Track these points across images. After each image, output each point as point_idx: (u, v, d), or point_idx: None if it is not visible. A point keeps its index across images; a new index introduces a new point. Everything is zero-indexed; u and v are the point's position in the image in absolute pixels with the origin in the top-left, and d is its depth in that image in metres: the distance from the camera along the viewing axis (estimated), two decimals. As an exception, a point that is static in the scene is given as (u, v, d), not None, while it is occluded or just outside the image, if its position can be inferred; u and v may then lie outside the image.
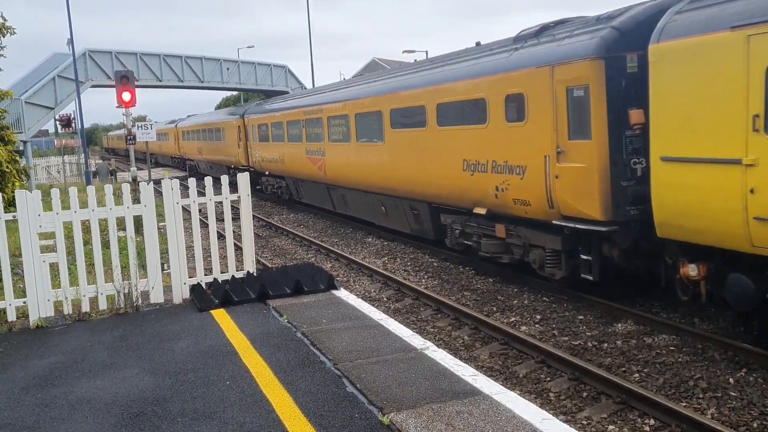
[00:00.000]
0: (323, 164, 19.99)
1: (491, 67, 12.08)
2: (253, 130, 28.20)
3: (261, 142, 26.98)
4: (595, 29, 9.84)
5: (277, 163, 25.15)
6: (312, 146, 20.99)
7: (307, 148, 21.37)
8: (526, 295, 11.65)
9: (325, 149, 19.81)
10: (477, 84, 12.36)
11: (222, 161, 34.86)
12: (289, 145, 23.37)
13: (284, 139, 23.77)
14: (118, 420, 5.25)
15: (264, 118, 26.60)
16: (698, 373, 7.90)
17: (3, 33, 18.34)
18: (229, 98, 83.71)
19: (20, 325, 8.22)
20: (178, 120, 50.92)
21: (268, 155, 26.18)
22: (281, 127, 24.22)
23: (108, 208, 8.60)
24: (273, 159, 25.47)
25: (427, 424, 4.71)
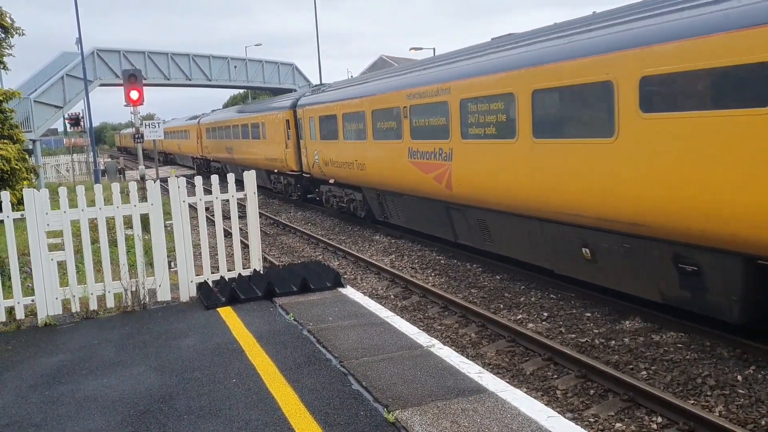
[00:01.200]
0: (446, 173, 13.39)
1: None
2: (310, 124, 21.79)
3: (324, 140, 20.53)
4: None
5: (350, 168, 18.59)
6: (424, 145, 14.25)
7: (414, 148, 14.71)
8: (533, 293, 11.63)
9: (452, 150, 13.11)
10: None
11: (260, 164, 28.91)
12: (375, 144, 16.81)
13: (366, 134, 17.31)
14: (124, 417, 5.27)
15: (330, 107, 19.95)
16: (706, 370, 7.87)
17: (12, 34, 18.44)
18: (236, 96, 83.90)
19: (29, 323, 8.25)
20: (201, 115, 45.51)
21: (335, 157, 19.67)
22: (360, 118, 17.68)
23: (115, 207, 8.62)
24: (344, 163, 18.99)
25: (433, 422, 4.71)
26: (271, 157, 26.97)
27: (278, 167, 26.41)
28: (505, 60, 11.62)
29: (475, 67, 12.55)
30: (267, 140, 27.24)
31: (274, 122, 26.26)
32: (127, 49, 39.22)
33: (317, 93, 22.06)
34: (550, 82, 10.35)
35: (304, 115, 22.40)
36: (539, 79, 10.58)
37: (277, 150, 25.93)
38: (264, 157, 28.13)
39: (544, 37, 10.92)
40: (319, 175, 21.75)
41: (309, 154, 22.14)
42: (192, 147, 46.82)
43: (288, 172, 25.18)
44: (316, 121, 21.17)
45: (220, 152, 37.94)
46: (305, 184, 24.84)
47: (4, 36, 18.97)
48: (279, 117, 25.42)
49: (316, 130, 21.23)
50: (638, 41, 8.69)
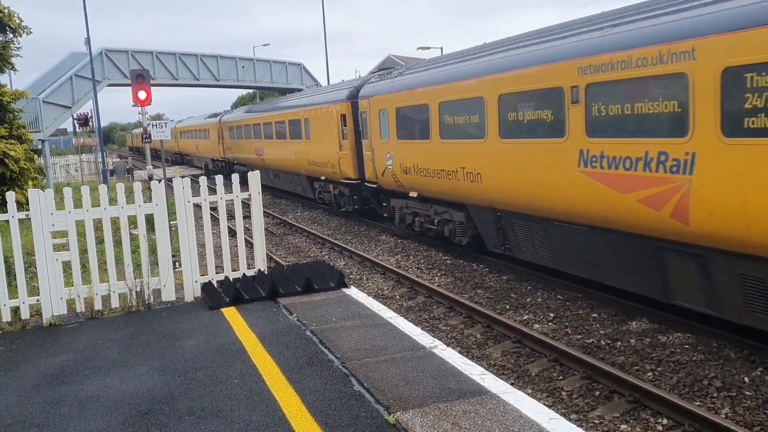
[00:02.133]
0: (676, 194, 8.23)
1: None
2: (380, 119, 16.72)
3: (404, 140, 15.52)
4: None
5: (449, 178, 13.52)
6: (618, 147, 9.10)
7: (593, 152, 9.55)
8: (539, 293, 11.57)
9: (694, 156, 7.94)
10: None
11: (301, 169, 24.31)
12: (504, 146, 11.69)
13: (485, 131, 12.05)
14: (126, 418, 5.27)
15: (414, 95, 14.70)
16: (713, 371, 7.80)
17: (19, 33, 18.53)
18: (244, 96, 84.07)
19: (34, 323, 8.28)
20: (223, 113, 41.69)
21: (422, 162, 14.62)
22: (473, 107, 12.46)
23: (120, 207, 8.64)
24: (437, 171, 13.96)
25: (434, 424, 4.68)
26: (318, 161, 21.90)
27: (327, 174, 21.35)
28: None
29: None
30: (311, 140, 22.43)
31: (322, 118, 21.29)
32: (135, 49, 39.36)
33: (389, 77, 16.73)
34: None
35: (370, 106, 17.23)
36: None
37: (326, 152, 21.05)
38: (307, 161, 23.00)
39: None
40: (390, 186, 16.73)
41: (377, 157, 16.98)
42: (212, 148, 42.04)
43: (342, 181, 20.18)
44: (390, 115, 16.03)
45: (245, 154, 33.06)
46: (365, 196, 19.71)
47: (12, 36, 19.08)
48: (330, 111, 20.50)
49: (390, 126, 16.09)
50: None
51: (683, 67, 7.94)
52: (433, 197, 14.94)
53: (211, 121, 41.43)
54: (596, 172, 9.51)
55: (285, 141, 25.80)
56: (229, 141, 36.75)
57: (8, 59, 18.91)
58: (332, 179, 21.43)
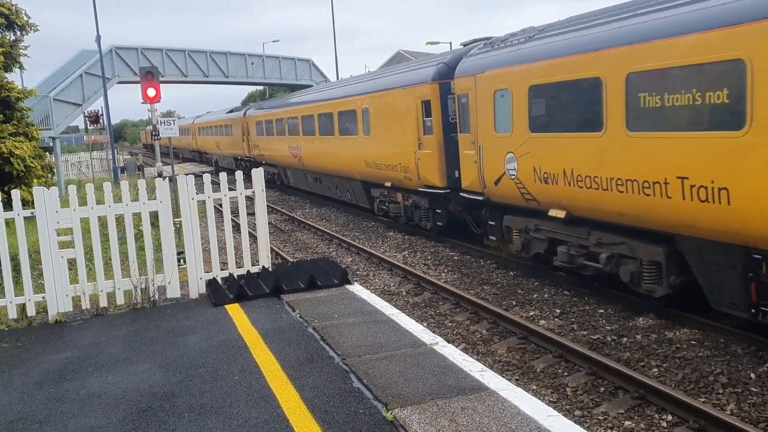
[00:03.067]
0: None
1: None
2: (497, 104, 12.19)
3: (542, 133, 11.06)
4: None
5: (636, 193, 9.18)
6: None
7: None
8: (546, 289, 11.52)
9: None
10: None
11: (355, 172, 19.93)
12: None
13: (745, 117, 7.46)
14: (126, 415, 5.28)
15: (577, 63, 10.08)
16: (719, 368, 7.74)
17: (26, 30, 18.61)
18: (254, 93, 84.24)
19: (40, 320, 8.33)
20: (248, 106, 37.81)
21: (581, 167, 10.20)
22: (711, 79, 7.90)
23: (124, 204, 8.66)
24: (611, 180, 9.60)
25: (431, 420, 4.66)
26: (381, 163, 17.61)
27: (396, 179, 17.04)
28: None
29: None
30: (372, 136, 18.16)
31: (392, 106, 16.85)
32: (144, 47, 39.50)
33: (513, 43, 11.90)
34: None
35: (477, 87, 12.71)
36: None
37: (395, 151, 16.79)
38: (364, 163, 18.75)
39: None
40: (508, 200, 12.34)
41: (488, 158, 12.56)
42: (235, 145, 37.62)
43: (420, 189, 15.91)
44: (517, 97, 11.43)
45: (277, 153, 28.88)
46: (456, 209, 15.26)
47: (20, 34, 19.19)
48: (406, 97, 15.98)
49: (516, 113, 11.52)
50: None
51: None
52: (599, 220, 10.17)
53: (234, 116, 37.75)
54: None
55: (332, 138, 21.46)
56: (256, 138, 32.57)
57: (16, 57, 19.02)
58: (402, 186, 17.00)
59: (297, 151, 25.52)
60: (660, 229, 9.13)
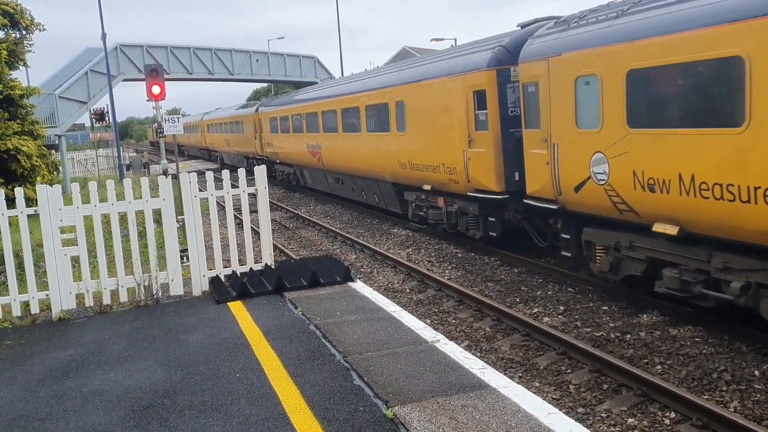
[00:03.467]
0: None
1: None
2: (579, 94, 10.11)
3: (647, 129, 8.87)
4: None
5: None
6: None
7: None
8: (550, 286, 11.50)
9: None
10: None
11: (385, 172, 17.75)
12: None
13: None
14: (127, 412, 5.30)
15: (703, 39, 7.84)
16: (722, 365, 7.71)
17: (31, 30, 18.67)
18: (259, 90, 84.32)
19: (44, 318, 8.36)
20: (261, 102, 35.59)
21: (710, 172, 7.95)
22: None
23: (127, 202, 8.68)
24: (758, 189, 7.34)
25: (431, 418, 4.66)
26: (420, 163, 15.53)
27: (438, 182, 14.89)
28: None
29: None
30: (408, 133, 16.00)
31: (434, 98, 14.67)
32: (149, 44, 39.52)
33: (599, 19, 9.83)
34: None
35: (551, 73, 10.60)
36: None
37: (437, 149, 14.67)
38: (398, 163, 16.70)
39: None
40: (592, 209, 10.17)
41: (566, 159, 10.42)
42: (247, 143, 35.60)
43: (469, 194, 13.74)
44: (609, 84, 9.33)
45: (293, 151, 26.94)
46: (515, 217, 13.19)
47: (25, 34, 19.24)
48: (453, 87, 13.84)
49: (607, 104, 9.40)
50: None
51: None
52: (730, 239, 8.09)
53: (246, 112, 35.42)
54: None
55: (357, 135, 19.35)
56: (269, 135, 30.51)
57: (20, 56, 19.08)
58: (445, 190, 14.88)
59: (316, 149, 23.39)
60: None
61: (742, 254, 7.97)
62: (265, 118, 31.09)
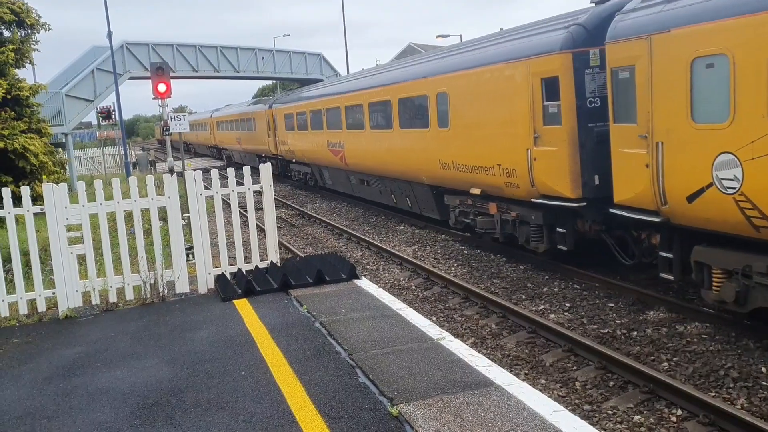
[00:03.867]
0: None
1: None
2: (702, 80, 8.07)
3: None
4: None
5: None
6: None
7: None
8: (556, 283, 11.47)
9: None
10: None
11: (423, 175, 15.88)
12: None
13: None
14: (133, 410, 5.31)
15: None
16: (729, 362, 7.67)
17: (37, 29, 18.72)
18: (265, 87, 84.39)
19: (50, 316, 8.39)
20: (275, 98, 33.79)
21: None
22: None
23: (133, 200, 8.70)
24: None
25: (436, 416, 4.65)
26: (469, 163, 13.46)
27: (492, 185, 12.83)
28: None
29: None
30: (452, 128, 14.08)
31: (486, 88, 12.69)
32: (155, 42, 39.63)
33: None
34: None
35: (655, 54, 8.76)
36: None
37: (493, 147, 12.60)
38: (439, 162, 14.75)
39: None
40: (711, 224, 8.40)
41: (675, 161, 8.62)
42: (259, 141, 33.65)
43: (534, 200, 11.62)
44: (744, 67, 7.51)
45: (311, 150, 25.08)
46: (592, 230, 11.17)
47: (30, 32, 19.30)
48: (513, 74, 11.81)
49: (739, 93, 7.61)
50: None
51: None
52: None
53: (258, 108, 33.61)
54: None
55: (388, 131, 17.46)
56: (284, 133, 28.66)
57: (26, 54, 19.14)
58: (500, 195, 12.83)
59: (338, 147, 21.41)
60: None
61: None
62: (279, 114, 29.19)
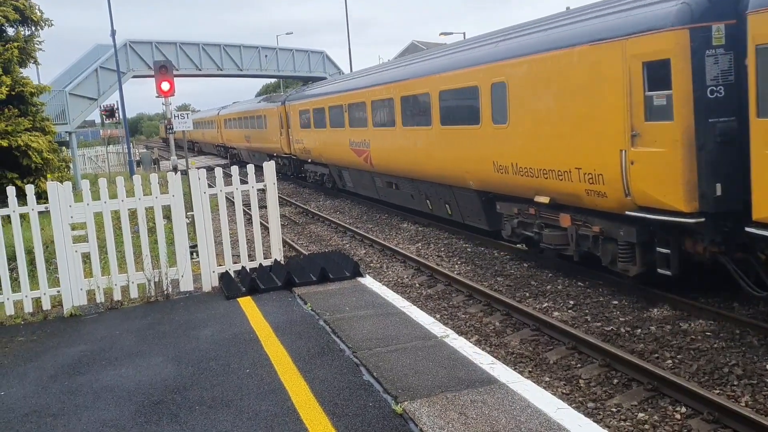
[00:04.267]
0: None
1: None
2: None
3: None
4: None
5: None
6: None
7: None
8: (560, 281, 11.46)
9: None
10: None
11: (469, 178, 13.86)
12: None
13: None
14: (138, 408, 5.33)
15: None
16: (734, 359, 7.67)
17: (41, 26, 18.75)
18: (269, 85, 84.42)
19: (55, 314, 8.42)
20: (289, 93, 31.82)
21: None
22: None
23: (137, 199, 8.72)
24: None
25: (440, 413, 4.66)
26: (537, 166, 11.36)
27: (568, 192, 10.76)
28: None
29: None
30: (511, 125, 12.04)
31: (562, 75, 10.62)
32: (158, 40, 39.67)
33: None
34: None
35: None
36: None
37: (571, 147, 10.56)
38: (493, 164, 12.68)
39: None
40: None
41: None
42: (270, 140, 32.05)
43: (629, 212, 9.51)
44: None
45: (330, 148, 23.20)
46: (707, 251, 8.97)
47: (34, 30, 19.36)
48: (601, 58, 9.77)
49: None
50: None
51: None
52: None
53: (270, 105, 32.07)
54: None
55: (425, 129, 15.44)
56: (299, 131, 26.77)
57: (31, 53, 19.19)
58: (578, 204, 10.71)
59: (363, 147, 19.39)
60: None
61: None
62: (294, 110, 27.14)
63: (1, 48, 17.58)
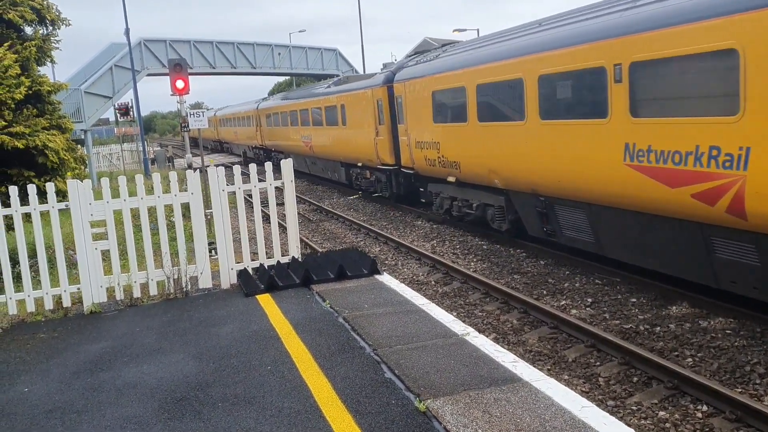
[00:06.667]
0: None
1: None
2: None
3: None
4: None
5: None
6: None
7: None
8: (578, 278, 11.41)
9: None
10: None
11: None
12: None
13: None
14: (161, 404, 5.36)
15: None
16: (756, 357, 7.60)
17: (58, 25, 18.86)
18: (282, 83, 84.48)
19: (75, 311, 8.48)
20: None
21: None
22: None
23: (156, 196, 8.76)
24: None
25: (464, 412, 4.65)
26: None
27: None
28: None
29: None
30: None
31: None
32: (173, 39, 39.82)
33: None
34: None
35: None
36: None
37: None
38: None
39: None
40: None
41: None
42: (355, 144, 22.08)
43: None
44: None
45: (551, 162, 11.52)
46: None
47: (52, 29, 19.47)
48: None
49: None
50: None
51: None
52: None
53: (357, 88, 21.67)
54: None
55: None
56: (432, 127, 16.23)
57: (48, 52, 19.31)
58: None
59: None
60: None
61: None
62: (415, 91, 16.91)
63: (20, 47, 17.70)
